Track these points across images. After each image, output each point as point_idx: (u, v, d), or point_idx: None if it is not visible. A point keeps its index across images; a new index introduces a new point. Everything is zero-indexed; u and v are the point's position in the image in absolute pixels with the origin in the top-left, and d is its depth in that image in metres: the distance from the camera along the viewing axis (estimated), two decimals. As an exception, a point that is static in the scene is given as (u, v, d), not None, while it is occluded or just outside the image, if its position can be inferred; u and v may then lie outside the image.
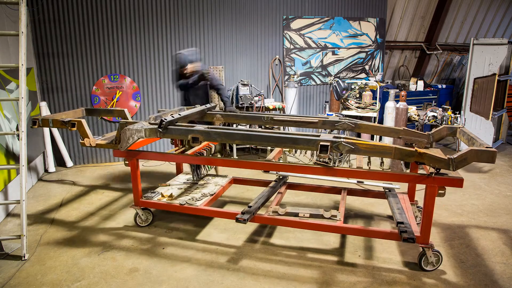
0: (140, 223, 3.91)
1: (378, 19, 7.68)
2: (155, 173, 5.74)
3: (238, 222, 3.30)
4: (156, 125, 3.39)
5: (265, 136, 3.12)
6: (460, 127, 3.50)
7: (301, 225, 3.33)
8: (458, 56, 9.61)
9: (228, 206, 4.49)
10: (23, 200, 3.37)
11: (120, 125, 3.51)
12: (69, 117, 4.22)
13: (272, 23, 6.94)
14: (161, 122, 3.30)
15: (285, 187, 4.18)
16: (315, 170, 3.21)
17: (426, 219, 2.97)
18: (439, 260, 3.06)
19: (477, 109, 6.29)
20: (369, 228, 3.23)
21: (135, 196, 3.83)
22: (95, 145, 3.67)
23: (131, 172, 3.76)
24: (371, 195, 4.07)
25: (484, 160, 2.67)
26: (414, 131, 3.69)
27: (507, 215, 4.14)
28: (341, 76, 7.67)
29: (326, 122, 3.92)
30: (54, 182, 5.38)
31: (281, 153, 4.24)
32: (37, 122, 3.89)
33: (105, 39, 5.88)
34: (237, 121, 4.33)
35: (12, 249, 3.45)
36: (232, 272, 3.09)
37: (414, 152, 2.83)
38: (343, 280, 2.97)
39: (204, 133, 3.26)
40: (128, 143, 3.43)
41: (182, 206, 3.72)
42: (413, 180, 3.03)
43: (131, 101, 6.19)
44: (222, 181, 4.38)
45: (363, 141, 2.94)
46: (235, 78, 6.75)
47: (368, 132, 3.95)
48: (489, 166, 5.89)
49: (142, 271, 3.11)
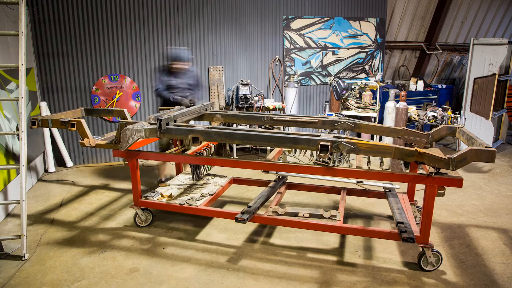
0: (140, 223, 3.91)
1: (378, 19, 7.69)
2: (154, 173, 5.74)
3: (237, 222, 3.30)
4: (156, 125, 3.39)
5: (265, 136, 3.12)
6: (459, 127, 3.50)
7: (300, 225, 3.33)
8: (458, 56, 9.61)
9: (228, 206, 4.49)
10: (23, 200, 3.38)
11: (120, 125, 3.51)
12: (69, 117, 4.21)
13: (272, 23, 6.94)
14: (160, 121, 3.30)
15: (285, 187, 4.18)
16: (315, 170, 3.21)
17: (425, 219, 2.97)
18: (439, 260, 3.06)
19: (477, 109, 6.29)
20: (368, 228, 3.23)
21: (134, 196, 3.83)
22: (94, 145, 3.66)
23: (131, 172, 3.76)
24: (371, 195, 4.07)
25: (484, 159, 2.67)
26: (414, 131, 3.69)
27: (507, 215, 4.14)
28: (341, 76, 7.67)
29: (326, 122, 3.92)
30: (54, 182, 5.38)
31: (280, 153, 4.24)
32: (36, 122, 3.88)
33: (105, 39, 5.88)
34: (237, 121, 4.33)
35: (12, 249, 3.45)
36: (232, 272, 3.09)
37: (414, 151, 2.83)
38: (343, 280, 2.97)
39: (204, 133, 3.26)
40: (128, 143, 3.43)
41: (181, 206, 3.72)
42: (412, 180, 3.03)
43: (131, 101, 6.19)
44: (222, 181, 4.38)
45: (363, 141, 2.94)
46: (235, 78, 6.76)
47: (368, 132, 3.95)
48: (489, 166, 5.89)
49: (142, 271, 3.11)
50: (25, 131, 3.46)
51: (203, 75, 6.50)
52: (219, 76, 6.54)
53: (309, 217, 3.35)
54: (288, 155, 4.89)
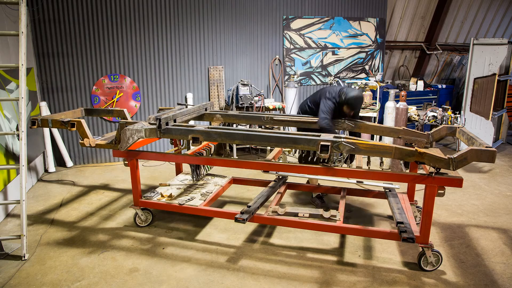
0: (139, 223, 3.91)
1: (378, 19, 7.68)
2: (154, 173, 5.74)
3: (237, 222, 3.30)
4: (156, 125, 3.39)
5: (266, 136, 3.12)
6: (459, 127, 3.50)
7: (300, 225, 3.33)
8: (458, 56, 9.61)
9: (228, 206, 4.49)
10: (23, 200, 3.37)
11: (120, 125, 3.51)
12: (68, 117, 4.21)
13: (272, 23, 6.94)
14: (159, 121, 3.30)
15: (285, 187, 4.18)
16: (315, 170, 3.21)
17: (425, 219, 2.97)
18: (439, 260, 3.06)
19: (477, 109, 6.29)
20: (368, 228, 3.23)
21: (134, 196, 3.83)
22: (94, 145, 3.66)
23: (131, 172, 3.76)
24: (371, 195, 4.07)
25: (484, 159, 2.67)
26: (414, 131, 3.69)
27: (507, 215, 4.14)
28: (341, 76, 7.67)
29: None
30: (54, 182, 5.38)
31: (280, 153, 4.24)
32: (36, 122, 3.89)
33: (105, 39, 5.88)
34: (237, 121, 4.33)
35: (12, 249, 3.45)
36: (232, 272, 3.09)
37: (414, 151, 2.83)
38: (343, 280, 2.97)
39: (204, 133, 3.26)
40: (128, 143, 3.43)
41: (181, 206, 3.72)
42: (413, 180, 3.03)
43: (131, 101, 6.19)
44: (222, 181, 4.38)
45: (363, 141, 2.94)
46: (235, 78, 6.76)
47: (368, 132, 3.95)
48: (489, 166, 5.89)
49: (142, 271, 3.11)
50: (25, 131, 3.45)
51: (203, 75, 6.50)
52: (219, 76, 6.54)
53: (309, 217, 3.35)
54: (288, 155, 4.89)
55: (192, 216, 4.11)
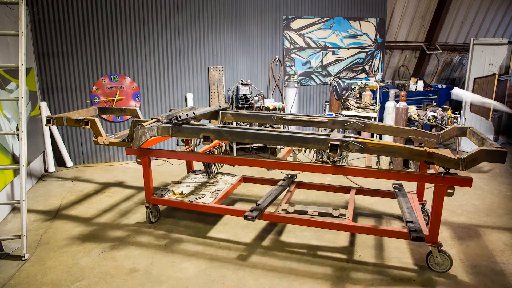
0: (152, 219, 3.99)
1: (378, 19, 7.69)
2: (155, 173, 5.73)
3: (246, 219, 3.32)
4: (169, 124, 3.43)
5: (276, 135, 3.14)
6: (470, 128, 3.47)
7: (310, 223, 3.34)
8: (458, 56, 9.61)
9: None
10: (23, 200, 3.37)
11: (133, 124, 3.53)
12: (82, 115, 4.23)
13: (272, 23, 6.94)
14: (176, 119, 3.35)
15: (294, 185, 4.19)
16: (324, 169, 3.22)
17: (434, 218, 2.96)
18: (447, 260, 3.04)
19: (477, 109, 6.30)
20: (378, 227, 3.22)
21: (146, 193, 3.89)
22: (108, 143, 3.68)
23: (143, 170, 3.81)
24: (381, 194, 4.05)
25: (494, 160, 2.67)
26: (424, 131, 3.67)
27: (507, 215, 4.14)
28: (341, 76, 7.67)
29: (335, 121, 3.93)
30: (54, 182, 5.38)
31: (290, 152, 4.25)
32: (52, 120, 3.89)
33: (105, 39, 5.88)
34: (247, 120, 4.36)
35: (12, 249, 3.45)
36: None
37: (423, 151, 2.82)
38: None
39: (215, 132, 3.29)
40: (140, 141, 3.46)
41: (192, 203, 3.76)
42: (422, 180, 3.02)
43: (131, 101, 6.19)
44: (232, 180, 4.40)
45: (373, 140, 2.93)
46: (235, 78, 6.76)
47: (377, 132, 3.93)
48: (489, 166, 5.89)
49: (142, 271, 3.11)
50: (25, 131, 3.45)
51: (203, 75, 6.50)
52: (219, 76, 6.54)
53: (318, 216, 3.35)
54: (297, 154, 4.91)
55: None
